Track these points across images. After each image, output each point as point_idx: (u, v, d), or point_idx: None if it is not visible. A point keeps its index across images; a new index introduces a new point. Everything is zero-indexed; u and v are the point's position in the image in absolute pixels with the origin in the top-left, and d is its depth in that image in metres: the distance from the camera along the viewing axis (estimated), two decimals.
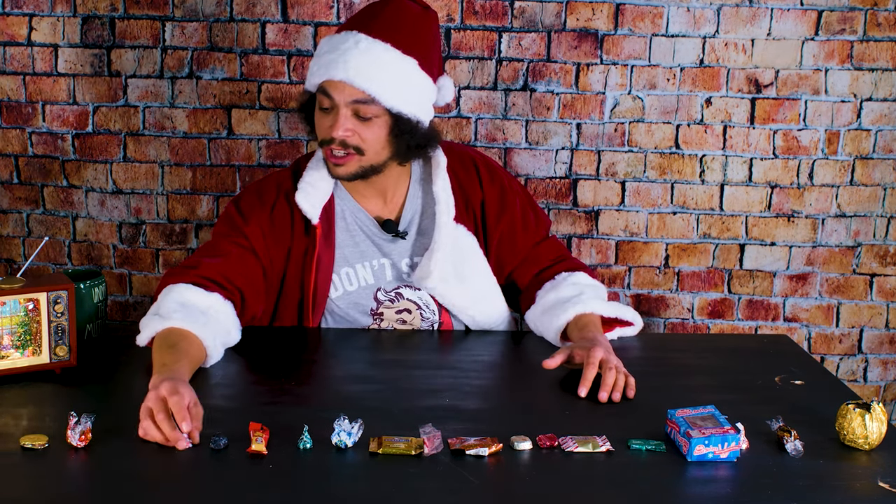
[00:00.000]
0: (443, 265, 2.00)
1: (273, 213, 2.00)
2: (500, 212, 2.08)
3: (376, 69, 1.87)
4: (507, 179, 2.13)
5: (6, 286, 1.71)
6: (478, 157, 2.13)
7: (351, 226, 2.05)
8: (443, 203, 2.01)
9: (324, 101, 1.91)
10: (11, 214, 2.86)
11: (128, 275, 2.88)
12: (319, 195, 2.00)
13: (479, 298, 2.08)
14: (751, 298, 2.87)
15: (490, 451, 1.47)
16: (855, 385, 2.92)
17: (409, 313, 2.08)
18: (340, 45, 1.89)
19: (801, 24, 2.71)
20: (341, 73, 1.87)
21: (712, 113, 2.77)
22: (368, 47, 1.88)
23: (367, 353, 1.98)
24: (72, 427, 1.45)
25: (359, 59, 1.87)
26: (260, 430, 1.47)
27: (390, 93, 1.88)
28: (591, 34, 2.72)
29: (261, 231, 1.98)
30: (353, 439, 1.47)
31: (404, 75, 1.91)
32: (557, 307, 1.99)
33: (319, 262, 2.00)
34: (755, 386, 1.80)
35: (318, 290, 2.01)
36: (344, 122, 1.88)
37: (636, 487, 1.41)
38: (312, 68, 1.94)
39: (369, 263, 2.05)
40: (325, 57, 1.90)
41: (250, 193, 2.04)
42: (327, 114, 1.91)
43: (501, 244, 2.09)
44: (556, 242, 2.19)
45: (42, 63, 2.75)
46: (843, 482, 1.43)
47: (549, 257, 2.13)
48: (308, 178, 2.00)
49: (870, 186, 2.82)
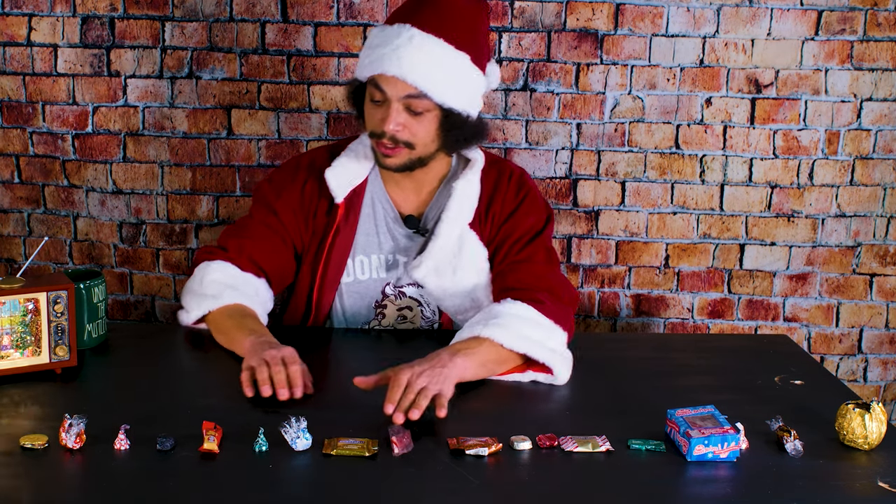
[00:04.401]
0: (437, 257, 1.99)
1: (304, 189, 2.04)
2: (502, 224, 2.03)
3: (429, 65, 1.86)
4: (531, 201, 2.04)
5: (6, 286, 1.71)
6: (516, 174, 2.08)
7: (376, 215, 2.06)
8: (457, 200, 1.99)
9: (375, 94, 1.91)
10: (12, 214, 2.86)
11: (128, 274, 2.88)
12: (350, 177, 2.03)
13: (469, 306, 2.03)
14: (751, 298, 2.88)
15: (490, 450, 1.47)
16: (855, 385, 2.92)
17: (409, 311, 2.08)
18: (393, 40, 1.87)
19: (801, 24, 2.71)
20: (394, 68, 1.86)
21: (712, 113, 2.77)
22: (421, 43, 1.86)
23: (368, 352, 1.99)
24: (66, 430, 1.45)
25: (412, 54, 1.85)
26: (213, 430, 1.47)
27: (442, 88, 1.88)
28: (591, 34, 2.72)
29: (290, 207, 2.04)
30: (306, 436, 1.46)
31: (456, 71, 1.90)
32: (467, 327, 1.83)
33: (336, 242, 2.02)
34: (755, 386, 1.80)
35: (330, 270, 2.03)
36: (396, 117, 1.88)
37: (636, 487, 1.41)
38: (364, 59, 1.93)
39: (384, 256, 2.06)
40: (378, 50, 1.88)
41: (286, 169, 2.09)
42: (378, 106, 1.92)
43: (493, 257, 2.03)
44: (540, 271, 1.97)
45: (42, 63, 2.75)
46: (842, 482, 1.44)
47: (516, 280, 1.95)
48: (345, 158, 2.04)
49: (870, 186, 2.82)
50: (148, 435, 1.48)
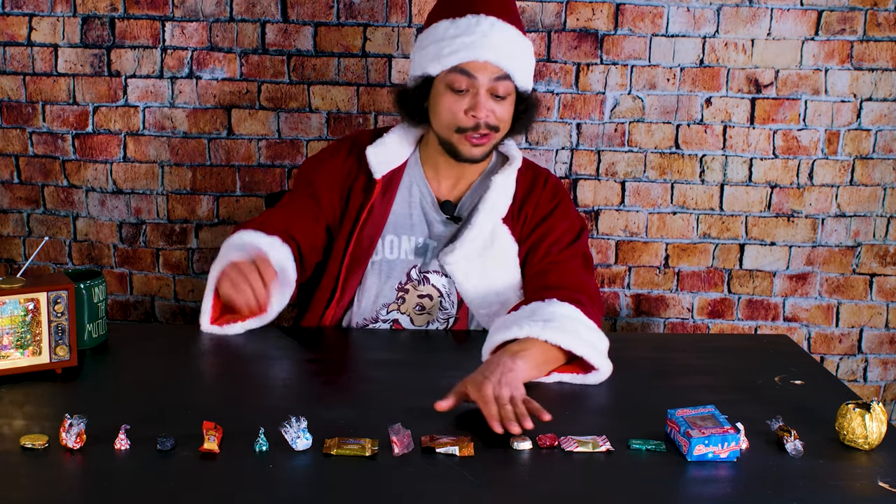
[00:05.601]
0: (470, 246, 2.02)
1: (344, 164, 2.10)
2: (538, 225, 2.06)
3: (511, 49, 1.97)
4: (564, 208, 2.09)
5: (6, 286, 1.71)
6: (551, 180, 2.13)
7: (412, 197, 2.10)
8: (494, 192, 2.04)
9: (460, 83, 1.96)
10: (12, 214, 2.86)
11: (128, 274, 2.88)
12: (391, 156, 2.08)
13: (493, 300, 2.04)
14: (751, 298, 2.88)
15: (461, 450, 1.46)
16: (855, 385, 2.92)
17: (430, 300, 2.09)
18: (476, 28, 1.95)
19: (800, 24, 2.71)
20: (487, 53, 1.94)
21: (712, 113, 2.77)
22: (502, 29, 1.97)
23: (376, 353, 1.99)
24: (66, 430, 1.45)
25: (499, 39, 1.95)
26: (213, 430, 1.47)
27: (521, 71, 1.99)
28: (591, 34, 2.72)
29: (328, 180, 2.09)
30: (306, 436, 1.46)
31: (527, 54, 2.02)
32: (513, 323, 1.82)
33: (370, 218, 2.05)
34: (755, 386, 1.80)
35: (362, 245, 2.06)
36: (486, 103, 1.96)
37: (636, 487, 1.41)
38: (441, 51, 1.96)
39: (415, 239, 2.08)
40: (460, 39, 1.95)
41: (329, 147, 2.16)
42: (461, 96, 1.97)
43: (527, 255, 2.05)
44: (579, 274, 2.00)
45: (42, 63, 2.75)
46: (843, 482, 1.43)
47: (558, 280, 1.98)
48: (388, 138, 2.09)
49: (870, 186, 2.82)
50: (148, 435, 1.48)
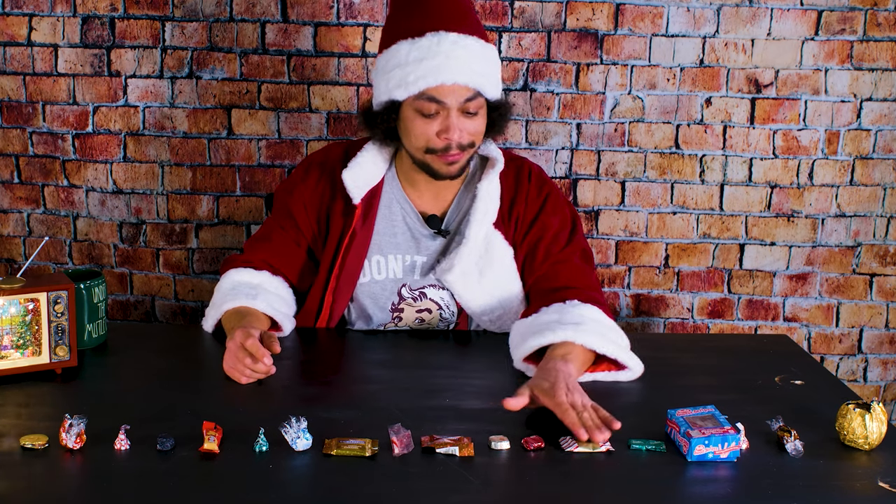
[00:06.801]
0: (467, 261, 2.00)
1: (316, 186, 2.06)
2: (531, 225, 2.04)
3: (476, 65, 1.90)
4: (554, 200, 2.07)
5: (6, 286, 1.71)
6: (535, 172, 2.09)
7: (394, 215, 2.06)
8: (482, 202, 2.00)
9: (428, 108, 1.89)
10: (12, 214, 2.86)
11: (128, 274, 2.88)
12: (367, 177, 2.03)
13: (495, 307, 2.04)
14: (751, 298, 2.88)
15: (461, 450, 1.46)
16: (855, 385, 2.92)
17: (429, 313, 2.08)
18: (438, 49, 1.87)
19: (800, 24, 2.71)
20: (454, 76, 1.87)
21: (712, 113, 2.77)
22: (465, 44, 1.89)
23: (375, 353, 1.99)
24: (66, 430, 1.45)
25: (463, 58, 1.88)
26: (213, 430, 1.47)
27: (490, 84, 1.93)
28: (591, 34, 2.72)
29: (302, 203, 2.07)
30: (306, 436, 1.47)
31: (492, 62, 1.95)
32: (546, 328, 1.83)
33: (353, 244, 2.02)
34: (755, 386, 1.80)
35: (346, 272, 2.03)
36: (458, 124, 1.90)
37: (636, 487, 1.41)
38: (406, 77, 1.88)
39: (402, 257, 2.06)
40: (424, 63, 1.86)
41: (299, 168, 2.13)
42: (431, 119, 1.90)
43: (526, 258, 2.04)
44: (584, 271, 2.02)
45: (42, 63, 2.75)
46: (843, 482, 1.43)
47: (568, 279, 1.99)
48: (361, 158, 2.03)
49: (870, 186, 2.82)
50: (148, 435, 1.48)
